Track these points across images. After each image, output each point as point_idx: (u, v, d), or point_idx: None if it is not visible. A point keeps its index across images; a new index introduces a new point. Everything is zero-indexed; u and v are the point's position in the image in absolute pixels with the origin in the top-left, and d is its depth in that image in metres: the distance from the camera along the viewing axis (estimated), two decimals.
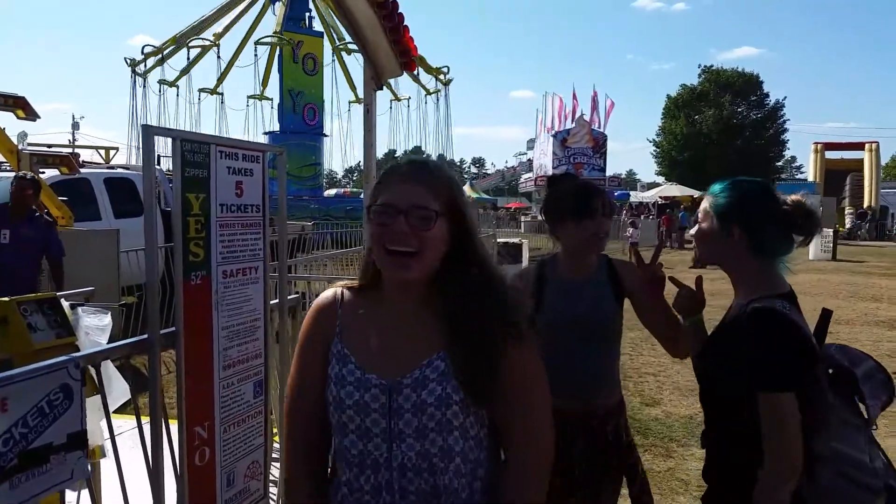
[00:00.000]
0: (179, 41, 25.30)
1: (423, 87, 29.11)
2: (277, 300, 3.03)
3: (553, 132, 38.99)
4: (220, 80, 27.00)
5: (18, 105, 6.79)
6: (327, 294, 1.53)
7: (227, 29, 25.88)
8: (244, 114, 28.37)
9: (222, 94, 27.71)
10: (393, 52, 7.06)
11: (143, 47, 25.19)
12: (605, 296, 2.32)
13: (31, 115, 7.06)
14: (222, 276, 2.60)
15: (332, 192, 34.83)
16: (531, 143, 48.29)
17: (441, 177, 1.39)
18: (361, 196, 29.87)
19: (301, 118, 25.86)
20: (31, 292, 4.77)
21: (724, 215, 1.86)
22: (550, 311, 2.29)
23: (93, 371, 2.28)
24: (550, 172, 37.40)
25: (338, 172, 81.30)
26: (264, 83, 27.01)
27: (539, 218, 27.85)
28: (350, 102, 29.56)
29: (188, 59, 25.55)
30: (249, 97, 27.34)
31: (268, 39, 25.12)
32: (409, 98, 30.32)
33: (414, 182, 1.36)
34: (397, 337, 1.40)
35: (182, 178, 2.54)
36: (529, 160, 49.05)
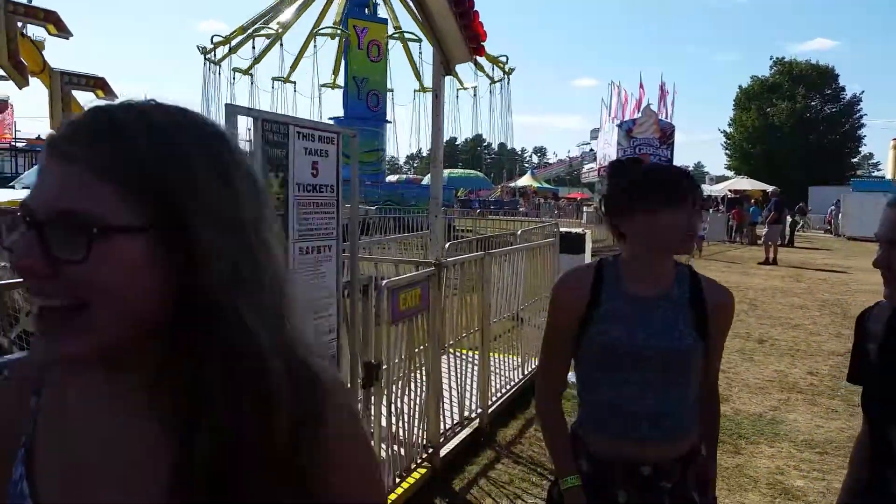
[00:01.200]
0: (248, 30, 25.96)
1: (488, 75, 28.99)
2: (348, 279, 3.09)
3: (618, 122, 38.23)
4: (293, 67, 27.61)
5: (98, 86, 7.02)
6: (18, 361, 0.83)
7: (296, 17, 26.37)
8: (314, 101, 28.91)
9: (294, 82, 28.32)
10: (462, 38, 7.06)
11: (212, 36, 26.02)
12: (682, 321, 1.75)
13: (110, 95, 7.32)
14: (299, 253, 2.67)
15: (394, 177, 35.10)
16: (595, 133, 47.37)
17: (142, 139, 0.65)
18: (424, 182, 30.06)
19: (365, 104, 26.12)
20: None
21: None
22: (605, 332, 1.74)
23: None
24: None
25: (399, 158, 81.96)
26: (335, 71, 27.51)
27: (599, 211, 26.86)
28: (415, 91, 29.74)
29: (253, 47, 26.22)
30: (323, 85, 27.82)
31: (327, 31, 25.51)
32: (476, 87, 30.26)
33: (71, 159, 0.65)
34: (101, 469, 0.72)
35: (263, 158, 2.61)
36: (592, 150, 48.23)
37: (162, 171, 0.65)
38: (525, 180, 44.61)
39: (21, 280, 0.64)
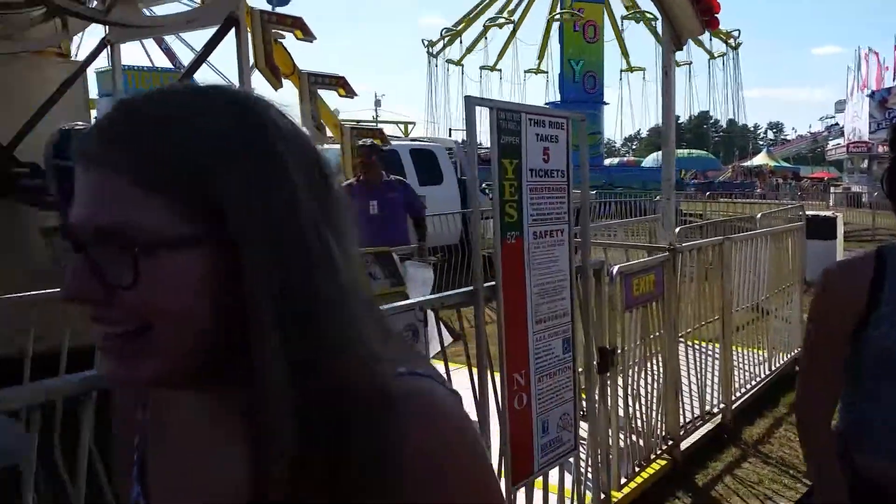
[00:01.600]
0: (472, 22, 26.89)
1: (708, 50, 27.13)
2: (580, 263, 3.07)
3: (869, 92, 33.53)
4: (499, 57, 28.24)
5: (339, 84, 7.62)
6: None
7: (517, 6, 26.78)
8: (520, 88, 29.29)
9: (500, 70, 28.92)
10: (694, 11, 6.65)
11: (441, 30, 27.33)
12: None
13: (350, 93, 7.89)
14: (533, 237, 2.71)
15: (610, 161, 34.26)
16: (841, 105, 42.20)
17: (172, 133, 0.57)
18: (643, 164, 28.89)
19: (581, 87, 25.80)
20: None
21: None
22: (885, 336, 1.46)
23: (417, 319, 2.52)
24: (867, 137, 32.29)
25: (616, 141, 79.57)
26: (540, 56, 27.62)
27: (869, 190, 23.20)
28: (622, 71, 28.84)
29: (485, 38, 27.09)
30: (527, 71, 28.15)
31: (564, 16, 25.45)
32: (691, 63, 28.57)
33: (99, 166, 0.57)
34: (198, 484, 0.68)
35: (498, 145, 2.68)
36: (838, 124, 42.91)
37: (198, 171, 0.56)
38: (760, 159, 40.87)
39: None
